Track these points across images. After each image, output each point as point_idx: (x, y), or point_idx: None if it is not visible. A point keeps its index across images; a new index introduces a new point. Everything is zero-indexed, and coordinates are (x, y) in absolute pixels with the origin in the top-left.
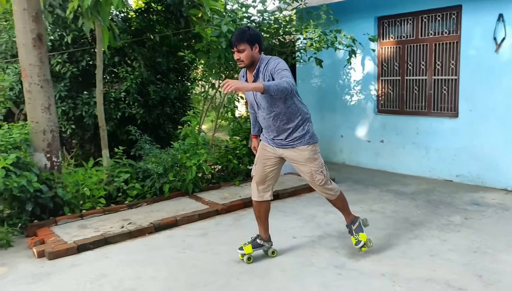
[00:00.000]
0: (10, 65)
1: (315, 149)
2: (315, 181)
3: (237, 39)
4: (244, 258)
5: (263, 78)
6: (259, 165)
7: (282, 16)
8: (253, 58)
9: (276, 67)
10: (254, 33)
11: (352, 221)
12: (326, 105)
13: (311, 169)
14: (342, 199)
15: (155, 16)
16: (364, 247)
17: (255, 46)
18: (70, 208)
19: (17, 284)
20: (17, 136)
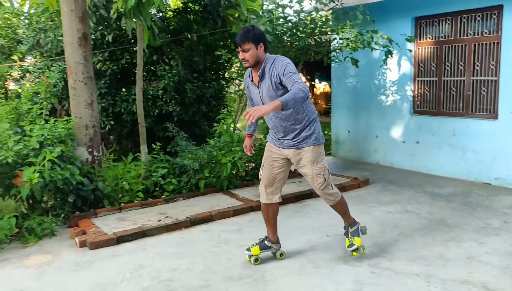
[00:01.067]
0: (55, 63)
1: (319, 151)
2: (315, 184)
3: (241, 39)
4: (251, 259)
5: (269, 79)
6: (266, 167)
7: (319, 16)
8: (258, 58)
9: (285, 70)
10: (259, 32)
11: (350, 224)
12: (361, 105)
13: (313, 171)
14: (343, 204)
15: (192, 15)
16: (356, 251)
17: (260, 45)
18: (110, 201)
19: (61, 271)
20: (62, 131)
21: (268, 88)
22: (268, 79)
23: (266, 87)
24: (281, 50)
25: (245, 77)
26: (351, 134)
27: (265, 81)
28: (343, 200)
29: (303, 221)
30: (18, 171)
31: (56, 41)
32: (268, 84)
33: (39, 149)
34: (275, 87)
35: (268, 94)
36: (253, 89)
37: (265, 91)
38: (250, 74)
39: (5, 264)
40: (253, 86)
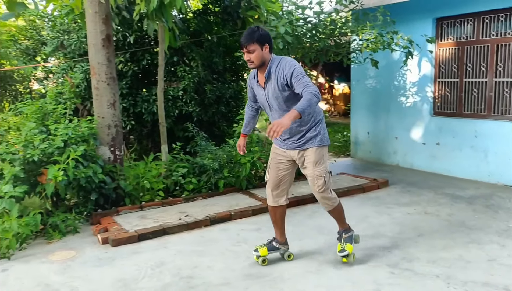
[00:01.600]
0: (78, 64)
1: (323, 152)
2: (315, 186)
3: (246, 40)
4: (259, 260)
5: (275, 80)
6: (272, 169)
7: (338, 18)
8: (263, 59)
9: (294, 72)
10: (264, 33)
11: (345, 230)
12: (380, 107)
13: (314, 172)
14: (340, 209)
15: (212, 17)
16: (346, 258)
17: (265, 46)
18: (131, 199)
19: (85, 266)
20: (85, 130)
21: (274, 90)
22: (274, 80)
23: (272, 88)
24: (301, 51)
25: (249, 78)
26: (370, 136)
27: (271, 83)
28: (340, 205)
29: (321, 221)
30: (43, 169)
31: (79, 43)
32: (274, 85)
33: (63, 147)
34: (281, 88)
35: (274, 95)
36: (258, 90)
37: (271, 93)
38: (256, 75)
39: (31, 258)
40: (258, 87)
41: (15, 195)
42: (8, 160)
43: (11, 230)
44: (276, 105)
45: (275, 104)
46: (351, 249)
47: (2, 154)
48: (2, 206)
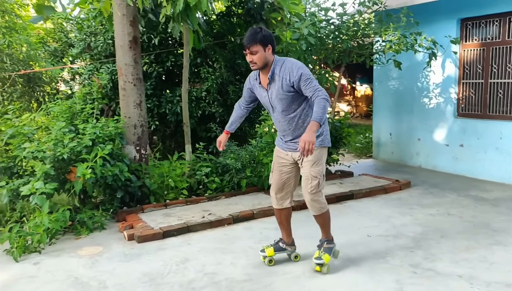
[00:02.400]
0: (104, 65)
1: (322, 153)
2: (308, 186)
3: (249, 41)
4: (266, 260)
5: (280, 81)
6: (275, 172)
7: (361, 19)
8: (266, 60)
9: (301, 76)
10: (267, 33)
11: (328, 240)
12: (403, 108)
13: (310, 172)
14: (327, 217)
15: (235, 19)
16: (320, 267)
17: (268, 47)
18: (155, 198)
19: (112, 261)
20: (112, 129)
21: (278, 91)
22: (278, 82)
23: (275, 90)
24: (324, 53)
25: (250, 78)
26: (392, 137)
27: (275, 84)
28: (328, 214)
29: (343, 221)
30: (72, 167)
31: (105, 44)
32: (279, 87)
33: (91, 146)
34: (286, 90)
35: (278, 97)
36: (260, 91)
37: (275, 94)
38: (258, 77)
39: (60, 253)
40: (261, 88)
41: (45, 191)
42: (40, 158)
43: (42, 225)
44: (280, 107)
45: (279, 106)
46: (327, 259)
47: (33, 152)
48: (34, 201)
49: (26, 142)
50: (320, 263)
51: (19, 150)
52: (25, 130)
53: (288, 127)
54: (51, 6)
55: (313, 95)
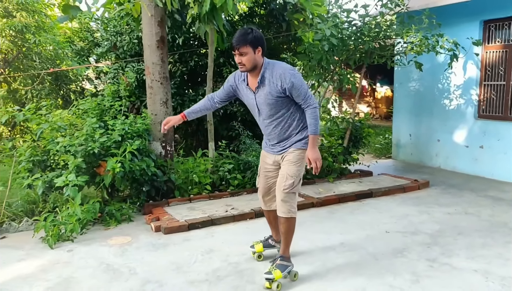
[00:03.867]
0: (129, 64)
1: (302, 156)
2: (282, 184)
3: (239, 42)
4: (255, 256)
5: (269, 86)
6: (262, 177)
7: (384, 21)
8: (255, 62)
9: (294, 84)
10: (258, 35)
11: (284, 257)
12: (423, 109)
13: (287, 171)
14: (291, 227)
15: (257, 19)
16: (269, 284)
17: (258, 49)
18: (180, 192)
19: (141, 250)
20: (140, 126)
21: (266, 96)
22: (268, 87)
23: (264, 94)
24: (345, 53)
25: (235, 77)
26: (412, 138)
27: (264, 89)
28: (294, 225)
29: (362, 218)
30: (101, 161)
31: (131, 44)
32: (268, 92)
33: (120, 141)
34: (276, 96)
35: (266, 101)
36: (247, 93)
37: (263, 98)
38: (246, 78)
39: (91, 242)
40: (248, 90)
41: (77, 183)
42: (72, 152)
43: (74, 215)
44: (266, 110)
45: (266, 110)
46: (278, 276)
47: (66, 147)
48: (67, 193)
49: (59, 137)
50: (268, 278)
51: (52, 144)
52: (57, 126)
53: (273, 131)
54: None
55: (304, 103)
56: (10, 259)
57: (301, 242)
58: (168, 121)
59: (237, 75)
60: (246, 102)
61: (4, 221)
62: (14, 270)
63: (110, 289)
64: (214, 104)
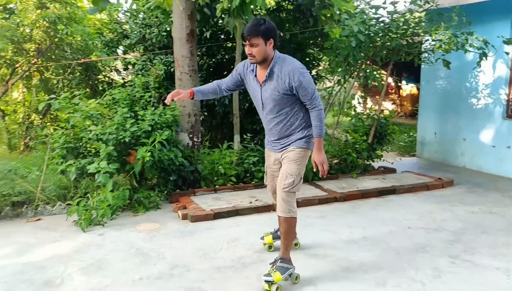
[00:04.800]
0: (157, 56)
1: (303, 155)
2: (282, 183)
3: (250, 32)
4: (266, 247)
5: (277, 81)
6: (268, 175)
7: (412, 18)
8: (266, 54)
9: (302, 83)
10: (271, 26)
11: (284, 259)
12: (449, 108)
13: (287, 170)
14: (291, 227)
15: (285, 14)
16: (269, 286)
17: (270, 41)
18: (206, 183)
19: (168, 237)
20: (169, 117)
21: (272, 91)
22: (275, 82)
23: (270, 89)
24: (372, 50)
25: (245, 65)
26: (437, 136)
27: (271, 83)
28: (294, 225)
29: (385, 214)
30: (131, 150)
31: (159, 36)
32: (275, 87)
33: (150, 131)
34: (282, 92)
35: (272, 96)
36: (253, 85)
37: (269, 93)
38: (255, 69)
39: (121, 227)
40: (255, 82)
41: (109, 171)
42: (104, 140)
43: (106, 201)
44: (271, 106)
45: (270, 105)
46: (278, 279)
47: (98, 135)
48: (99, 179)
49: (92, 126)
50: (268, 280)
51: (85, 132)
52: (90, 115)
53: (275, 128)
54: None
55: (309, 104)
56: (46, 239)
57: (325, 233)
58: (179, 94)
59: (246, 64)
60: (251, 94)
61: (39, 204)
62: (50, 250)
63: (140, 271)
64: (221, 91)
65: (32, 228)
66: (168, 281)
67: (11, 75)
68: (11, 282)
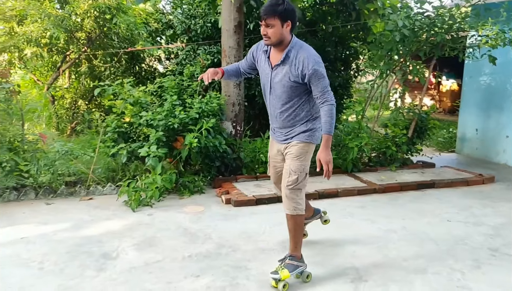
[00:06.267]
0: (201, 47)
1: (307, 149)
2: (285, 181)
3: (267, 12)
4: None
5: (289, 68)
6: (271, 166)
7: (458, 13)
8: (282, 37)
9: (315, 72)
10: (289, 7)
11: (294, 256)
12: (493, 104)
13: (290, 166)
14: (299, 224)
15: (327, 7)
16: (276, 284)
17: (287, 23)
18: (247, 170)
19: (213, 219)
20: (215, 105)
21: (283, 76)
22: (288, 68)
23: (282, 75)
24: (416, 45)
25: (259, 46)
26: (478, 133)
27: (284, 68)
28: (302, 221)
29: (423, 206)
30: (178, 136)
31: (204, 27)
32: (286, 73)
33: (197, 119)
34: (294, 80)
35: (282, 82)
36: (265, 66)
37: (279, 78)
38: (269, 50)
39: (168, 209)
40: (266, 63)
41: (158, 155)
42: (154, 125)
43: (154, 183)
44: (279, 91)
45: (278, 90)
46: (286, 276)
47: (148, 120)
48: (149, 163)
49: (142, 112)
50: (275, 277)
51: (135, 117)
52: (142, 101)
53: (279, 116)
54: None
55: (320, 97)
56: (99, 217)
57: (364, 222)
58: (216, 73)
59: (260, 45)
60: (260, 76)
61: (90, 185)
62: (104, 226)
63: (189, 249)
64: (240, 73)
65: (86, 206)
66: (216, 259)
67: (62, 62)
68: (73, 253)
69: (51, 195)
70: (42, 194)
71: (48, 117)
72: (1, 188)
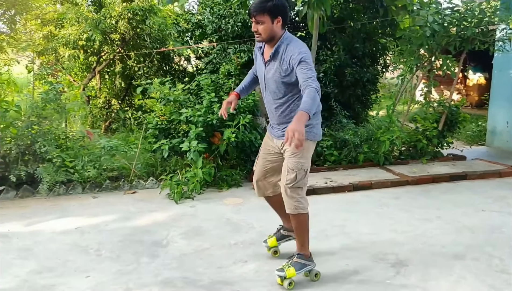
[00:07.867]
0: (231, 46)
1: (305, 146)
2: (284, 179)
3: (256, 9)
4: (271, 252)
5: (279, 62)
6: (260, 158)
7: (488, 7)
8: (273, 33)
9: (301, 58)
10: (279, 3)
11: (302, 255)
12: None
13: (288, 164)
14: (303, 223)
15: (353, 4)
16: (282, 281)
17: (278, 19)
18: None
19: (253, 210)
20: (251, 102)
21: (275, 72)
22: (278, 62)
23: (273, 70)
24: (446, 39)
25: (256, 45)
26: (509, 126)
27: (274, 63)
28: (306, 220)
29: (457, 197)
30: (215, 131)
31: (234, 27)
32: (277, 67)
33: (234, 115)
34: (284, 74)
35: (274, 78)
36: (260, 62)
37: (271, 73)
38: (263, 47)
39: (209, 201)
40: (261, 60)
41: (198, 150)
42: (194, 122)
43: (196, 176)
44: (273, 86)
45: (272, 86)
46: (291, 275)
47: (188, 117)
48: (190, 157)
49: (182, 109)
50: (281, 275)
51: (175, 114)
52: (181, 99)
53: (275, 111)
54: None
55: (304, 82)
56: (144, 209)
57: (400, 212)
58: (229, 103)
59: (257, 45)
60: (257, 72)
61: (133, 179)
62: (150, 218)
63: (234, 237)
64: (255, 78)
65: (130, 200)
66: (261, 246)
67: (97, 63)
68: (126, 242)
69: (96, 189)
70: (88, 188)
71: (84, 117)
72: (52, 182)
